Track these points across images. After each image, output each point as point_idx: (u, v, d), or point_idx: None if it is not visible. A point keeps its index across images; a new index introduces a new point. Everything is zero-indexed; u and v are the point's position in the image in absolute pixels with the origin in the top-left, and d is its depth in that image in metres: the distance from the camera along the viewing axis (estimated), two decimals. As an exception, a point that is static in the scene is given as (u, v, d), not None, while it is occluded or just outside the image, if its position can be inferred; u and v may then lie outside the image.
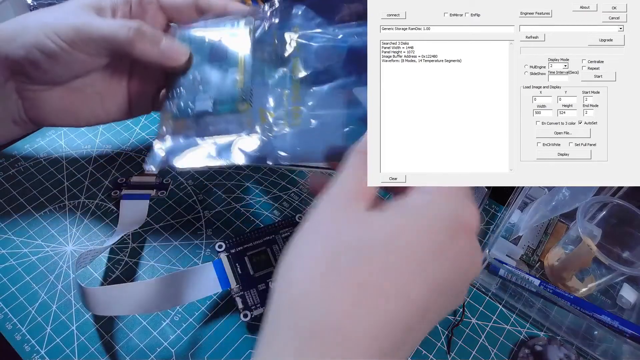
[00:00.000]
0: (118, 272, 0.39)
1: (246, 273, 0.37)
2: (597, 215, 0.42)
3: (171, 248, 0.41)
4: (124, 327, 0.36)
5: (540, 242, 0.43)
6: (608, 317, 0.36)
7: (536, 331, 0.38)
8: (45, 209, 0.43)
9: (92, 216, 0.42)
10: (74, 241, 0.41)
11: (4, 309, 0.36)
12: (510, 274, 0.38)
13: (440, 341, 0.37)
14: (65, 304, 0.37)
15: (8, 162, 0.46)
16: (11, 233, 0.41)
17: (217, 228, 0.43)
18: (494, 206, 0.46)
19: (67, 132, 0.49)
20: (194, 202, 0.44)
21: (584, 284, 0.40)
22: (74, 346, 0.35)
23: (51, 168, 0.46)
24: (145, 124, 0.50)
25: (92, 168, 0.46)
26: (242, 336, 0.36)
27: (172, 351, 0.35)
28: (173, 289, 0.34)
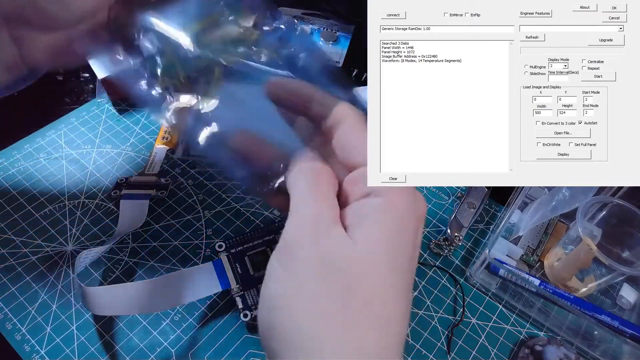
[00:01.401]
0: (118, 272, 0.39)
1: (246, 273, 0.37)
2: (597, 215, 0.42)
3: (171, 248, 0.41)
4: (124, 327, 0.36)
5: (540, 242, 0.43)
6: (608, 317, 0.36)
7: (536, 331, 0.38)
8: (45, 209, 0.43)
9: (92, 216, 0.42)
10: (74, 241, 0.41)
11: (4, 309, 0.36)
12: (510, 274, 0.38)
13: (440, 341, 0.37)
14: (65, 304, 0.37)
15: (8, 162, 0.46)
16: (11, 233, 0.41)
17: (217, 228, 0.43)
18: (494, 206, 0.47)
19: (67, 132, 0.49)
20: (194, 202, 0.44)
21: (584, 284, 0.40)
22: (74, 346, 0.35)
23: (51, 168, 0.46)
24: (145, 124, 0.50)
25: (92, 168, 0.46)
26: (242, 336, 0.36)
27: (172, 351, 0.35)
28: (173, 289, 0.34)
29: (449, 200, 0.47)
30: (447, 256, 0.42)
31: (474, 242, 0.44)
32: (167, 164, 0.47)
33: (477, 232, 0.44)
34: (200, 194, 0.45)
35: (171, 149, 0.48)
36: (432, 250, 0.42)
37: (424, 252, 0.42)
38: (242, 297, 0.36)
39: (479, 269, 0.40)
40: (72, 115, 0.51)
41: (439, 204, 0.46)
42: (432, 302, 0.39)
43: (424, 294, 0.40)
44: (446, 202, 0.46)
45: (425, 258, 0.42)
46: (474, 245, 0.43)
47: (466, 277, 0.41)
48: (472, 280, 0.40)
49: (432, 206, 0.46)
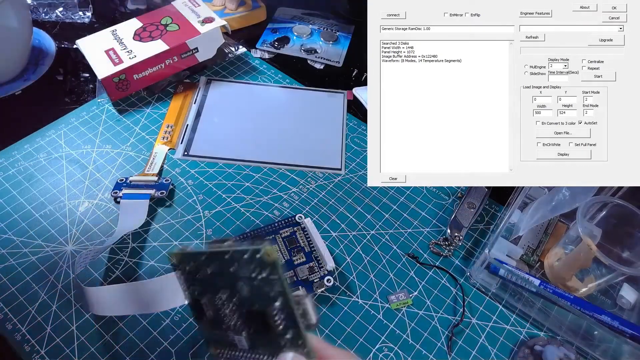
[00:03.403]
0: (118, 272, 0.39)
1: (246, 273, 0.37)
2: (597, 215, 0.42)
3: (171, 248, 0.41)
4: (124, 327, 0.36)
5: (540, 242, 0.43)
6: (608, 317, 0.36)
7: (536, 331, 0.38)
8: (45, 209, 0.43)
9: (92, 216, 0.42)
10: (74, 241, 0.41)
11: (4, 309, 0.36)
12: (510, 274, 0.38)
13: (440, 341, 0.37)
14: (65, 304, 0.37)
15: (8, 162, 0.46)
16: (11, 233, 0.41)
17: (217, 228, 0.43)
18: (494, 206, 0.47)
19: (67, 132, 0.49)
20: (194, 202, 0.44)
21: (584, 284, 0.40)
22: (74, 346, 0.35)
23: (51, 168, 0.46)
24: (145, 124, 0.50)
25: (92, 168, 0.46)
26: (242, 336, 0.36)
27: (172, 351, 0.35)
28: (173, 288, 0.34)
29: (449, 200, 0.47)
30: (447, 256, 0.42)
31: (474, 242, 0.44)
32: (167, 164, 0.47)
33: (477, 232, 0.44)
34: (200, 194, 0.45)
35: (171, 149, 0.48)
36: (432, 250, 0.42)
37: (424, 252, 0.42)
38: (242, 297, 0.36)
39: (479, 269, 0.40)
40: (72, 115, 0.51)
41: (439, 204, 0.46)
42: (432, 302, 0.39)
43: (424, 294, 0.40)
44: (446, 202, 0.46)
45: (425, 258, 0.42)
46: (474, 245, 0.43)
47: (466, 277, 0.41)
48: (472, 280, 0.40)
49: (432, 206, 0.46)
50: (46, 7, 0.62)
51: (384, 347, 0.36)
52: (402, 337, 0.37)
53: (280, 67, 0.59)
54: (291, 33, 0.63)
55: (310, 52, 0.61)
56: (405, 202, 0.46)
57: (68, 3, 0.62)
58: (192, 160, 0.48)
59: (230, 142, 0.50)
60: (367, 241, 0.43)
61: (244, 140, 0.50)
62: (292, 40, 0.62)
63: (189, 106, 0.53)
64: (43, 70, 0.55)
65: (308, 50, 0.61)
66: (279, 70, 0.58)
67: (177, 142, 0.49)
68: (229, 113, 0.53)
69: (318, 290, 0.38)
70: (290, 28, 0.64)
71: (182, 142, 0.49)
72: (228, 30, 0.55)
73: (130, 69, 0.50)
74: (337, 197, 0.46)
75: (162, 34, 0.53)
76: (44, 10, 0.62)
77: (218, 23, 0.54)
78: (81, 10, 0.62)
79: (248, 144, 0.50)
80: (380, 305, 0.39)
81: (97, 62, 0.50)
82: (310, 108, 0.54)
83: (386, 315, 0.38)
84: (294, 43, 0.62)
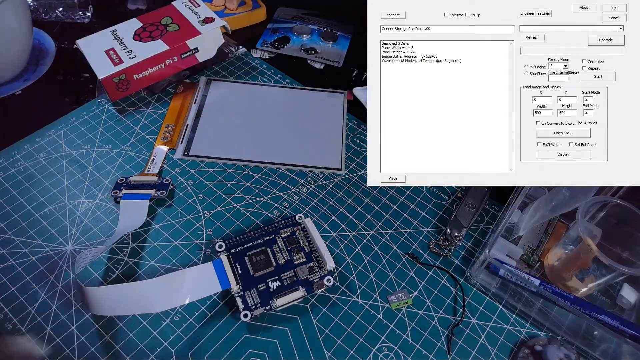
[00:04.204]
0: (118, 272, 0.39)
1: (246, 273, 0.37)
2: (597, 215, 0.42)
3: (171, 248, 0.41)
4: (124, 327, 0.36)
5: (540, 242, 0.43)
6: (608, 317, 0.36)
7: (536, 331, 0.38)
8: (45, 209, 0.43)
9: (92, 216, 0.42)
10: (74, 241, 0.41)
11: (4, 309, 0.36)
12: (510, 274, 0.38)
13: (440, 341, 0.37)
14: (65, 304, 0.37)
15: (8, 162, 0.46)
16: (11, 233, 0.41)
17: (217, 228, 0.43)
18: (494, 206, 0.47)
19: (67, 132, 0.49)
20: (194, 202, 0.44)
21: (584, 284, 0.40)
22: (74, 346, 0.35)
23: (51, 168, 0.46)
24: (145, 124, 0.50)
25: (92, 168, 0.46)
26: (242, 336, 0.36)
27: (172, 351, 0.35)
28: (173, 288, 0.34)
29: (449, 200, 0.47)
30: (447, 256, 0.42)
31: (474, 242, 0.44)
32: (167, 164, 0.47)
33: (477, 232, 0.44)
34: (200, 194, 0.45)
35: (171, 149, 0.48)
36: (432, 250, 0.42)
37: (424, 252, 0.42)
38: (242, 297, 0.36)
39: (479, 269, 0.40)
40: (72, 115, 0.51)
41: (439, 204, 0.46)
42: (432, 302, 0.39)
43: (424, 294, 0.40)
44: (446, 202, 0.46)
45: (425, 258, 0.42)
46: (474, 245, 0.43)
47: (466, 277, 0.41)
48: (472, 280, 0.40)
49: (432, 206, 0.46)
50: (46, 7, 0.62)
51: (384, 347, 0.36)
52: (402, 337, 0.37)
53: (280, 67, 0.59)
54: (291, 33, 0.63)
55: (310, 52, 0.61)
56: (405, 202, 0.46)
57: (68, 3, 0.62)
58: (192, 160, 0.48)
59: (230, 142, 0.50)
60: (367, 241, 0.43)
61: (244, 140, 0.50)
62: (292, 40, 0.62)
63: (189, 106, 0.53)
64: (43, 70, 0.55)
65: (308, 50, 0.61)
66: (279, 70, 0.58)
67: (177, 142, 0.49)
68: (229, 113, 0.53)
69: (318, 290, 0.38)
70: (290, 28, 0.64)
71: (182, 142, 0.49)
72: (228, 30, 0.55)
73: (130, 69, 0.50)
74: (337, 197, 0.46)
75: (162, 34, 0.53)
76: (44, 10, 0.62)
77: (218, 23, 0.54)
78: (81, 10, 0.62)
79: (248, 144, 0.50)
80: (380, 305, 0.39)
81: (97, 62, 0.50)
82: (310, 108, 0.54)
83: (386, 315, 0.38)
84: (293, 43, 0.62)
